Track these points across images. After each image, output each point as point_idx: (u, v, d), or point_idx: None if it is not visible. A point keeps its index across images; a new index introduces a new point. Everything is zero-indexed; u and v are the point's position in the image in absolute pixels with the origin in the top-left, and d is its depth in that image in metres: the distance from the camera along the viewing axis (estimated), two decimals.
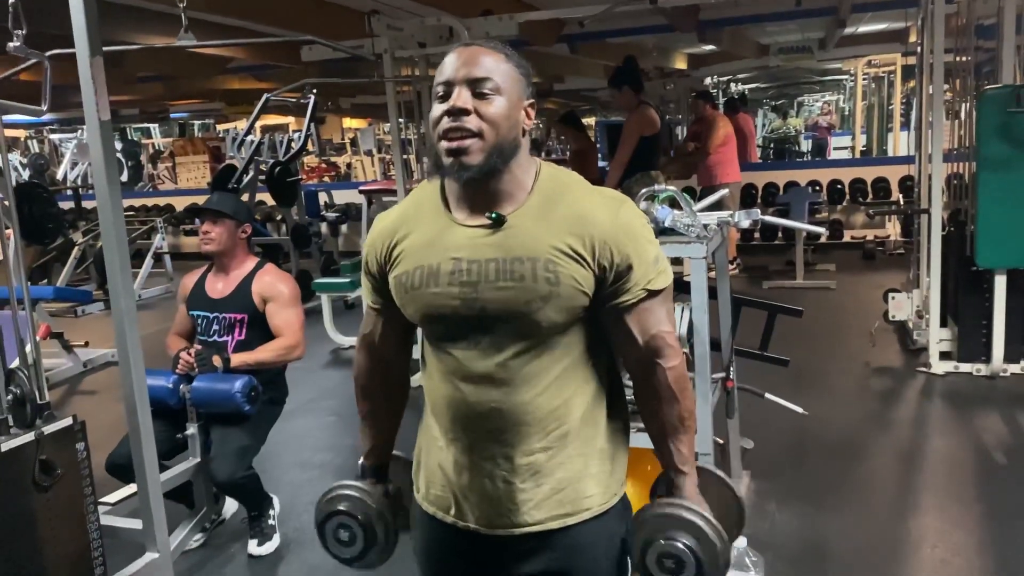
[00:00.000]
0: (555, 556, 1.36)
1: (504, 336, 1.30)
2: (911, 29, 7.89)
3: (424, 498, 1.45)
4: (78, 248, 8.33)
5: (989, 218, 4.36)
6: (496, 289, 1.28)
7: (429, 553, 1.48)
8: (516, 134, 1.30)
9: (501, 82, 1.28)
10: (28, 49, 1.90)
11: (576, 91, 15.01)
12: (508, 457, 1.33)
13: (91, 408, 5.06)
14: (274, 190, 7.58)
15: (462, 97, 1.26)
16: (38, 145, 16.34)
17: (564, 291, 1.27)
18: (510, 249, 1.28)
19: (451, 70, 1.28)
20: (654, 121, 5.30)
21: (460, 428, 1.35)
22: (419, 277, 1.33)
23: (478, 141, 1.26)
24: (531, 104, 1.34)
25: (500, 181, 1.30)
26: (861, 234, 8.90)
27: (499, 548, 1.37)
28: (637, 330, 1.33)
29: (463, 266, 1.29)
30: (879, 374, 4.84)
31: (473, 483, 1.35)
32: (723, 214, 2.81)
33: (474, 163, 1.26)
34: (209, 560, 3.11)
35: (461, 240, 1.31)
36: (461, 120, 1.26)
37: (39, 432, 1.88)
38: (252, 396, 2.95)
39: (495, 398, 1.31)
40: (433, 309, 1.32)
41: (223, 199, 3.21)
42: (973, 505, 3.23)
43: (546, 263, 1.27)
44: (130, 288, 2.11)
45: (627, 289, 1.31)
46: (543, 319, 1.28)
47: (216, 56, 8.75)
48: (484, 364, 1.31)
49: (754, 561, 2.49)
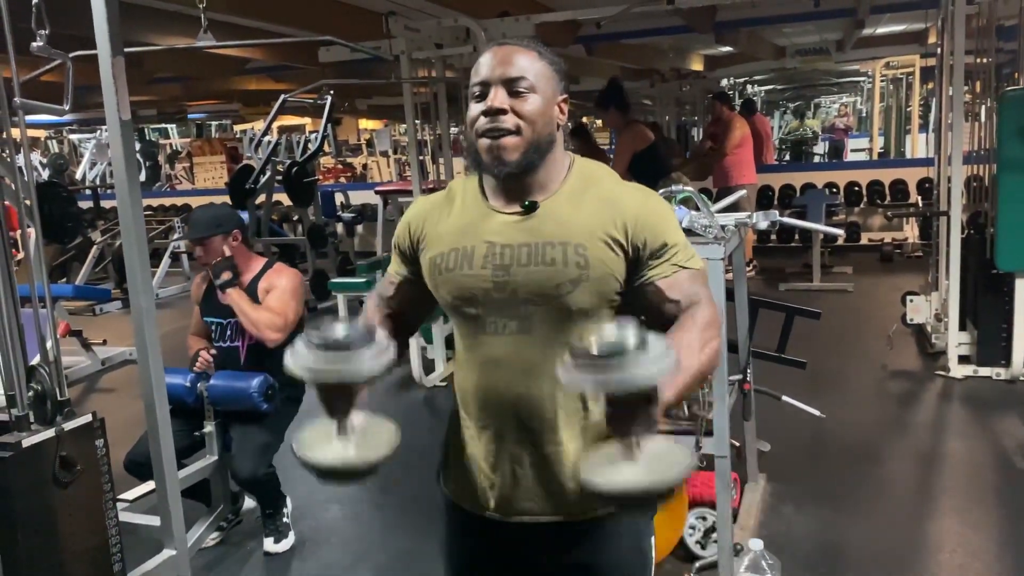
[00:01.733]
0: (579, 549, 1.37)
1: (534, 320, 1.32)
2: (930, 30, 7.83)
3: (451, 490, 1.46)
4: (96, 247, 8.39)
5: (1009, 220, 4.32)
6: (527, 272, 1.30)
7: (452, 544, 1.49)
8: (551, 129, 1.34)
9: (535, 80, 1.31)
10: (52, 49, 1.92)
11: (591, 92, 15.00)
12: (537, 444, 1.35)
13: (109, 406, 5.10)
14: (291, 190, 7.61)
15: (499, 97, 1.30)
16: (57, 145, 16.49)
17: (594, 274, 1.29)
18: (542, 234, 1.32)
19: (487, 70, 1.32)
20: (645, 136, 5.33)
21: (490, 415, 1.37)
22: (453, 259, 1.36)
23: (516, 138, 1.30)
24: (564, 99, 1.38)
25: (536, 174, 1.34)
26: (879, 236, 8.84)
27: (524, 537, 1.38)
28: (675, 294, 1.30)
29: (497, 250, 1.33)
30: (897, 377, 4.81)
31: (502, 470, 1.37)
32: (741, 215, 2.80)
33: (512, 160, 1.30)
34: (226, 557, 3.13)
35: (496, 226, 1.35)
36: (498, 120, 1.30)
37: (59, 429, 1.90)
38: (269, 394, 2.97)
39: (523, 384, 1.33)
40: (465, 291, 1.34)
41: (200, 221, 3.10)
42: (992, 509, 3.20)
43: (576, 247, 1.30)
44: (149, 286, 2.12)
45: (663, 263, 1.31)
46: (573, 303, 1.30)
47: (234, 57, 8.80)
48: (513, 350, 1.33)
49: (771, 564, 2.47)
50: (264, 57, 8.83)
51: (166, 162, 17.01)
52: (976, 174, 5.10)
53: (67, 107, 2.05)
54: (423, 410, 4.66)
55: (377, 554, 3.11)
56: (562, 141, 1.38)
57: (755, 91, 15.99)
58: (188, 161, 15.55)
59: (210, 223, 3.08)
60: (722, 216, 2.70)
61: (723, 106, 7.92)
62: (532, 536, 1.38)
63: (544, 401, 1.33)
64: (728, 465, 2.54)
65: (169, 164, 16.83)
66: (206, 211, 3.19)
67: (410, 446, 1.65)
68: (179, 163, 16.42)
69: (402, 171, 15.03)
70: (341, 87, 8.97)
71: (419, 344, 5.00)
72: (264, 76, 10.89)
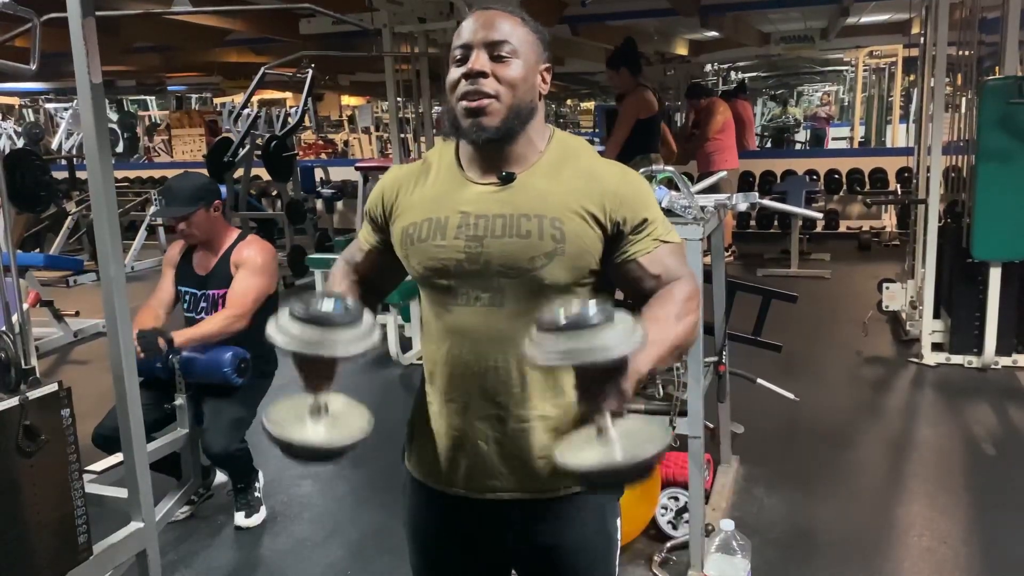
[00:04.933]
0: (544, 527, 1.36)
1: (506, 293, 1.29)
2: (914, 20, 7.85)
3: (414, 466, 1.44)
4: (71, 218, 8.27)
5: (986, 210, 4.35)
6: (501, 244, 1.28)
7: (417, 521, 1.47)
8: (533, 97, 1.32)
9: (518, 45, 1.30)
10: (18, 6, 1.87)
11: (576, 74, 14.95)
12: (502, 420, 1.32)
13: (80, 377, 5.04)
14: (269, 164, 7.52)
15: (480, 60, 1.28)
16: (33, 114, 16.21)
17: (570, 249, 1.28)
18: (518, 206, 1.30)
19: (469, 33, 1.30)
20: (651, 103, 5.26)
21: (456, 388, 1.35)
22: (426, 229, 1.33)
23: (496, 103, 1.28)
24: (547, 68, 1.36)
25: (515, 143, 1.32)
26: (857, 224, 8.90)
27: (487, 515, 1.37)
28: (656, 269, 1.30)
29: (470, 220, 1.30)
30: (871, 363, 4.85)
31: (465, 446, 1.35)
32: (720, 197, 2.80)
33: (492, 124, 1.28)
34: (196, 531, 3.11)
35: (471, 196, 1.32)
36: (479, 83, 1.28)
37: (23, 397, 1.85)
38: (241, 367, 2.94)
39: (492, 356, 1.31)
40: (437, 262, 1.32)
41: (180, 193, 3.00)
42: (960, 494, 3.24)
43: (552, 220, 1.28)
44: (119, 254, 2.08)
45: (643, 238, 1.31)
46: (547, 276, 1.28)
47: (214, 28, 8.67)
48: (485, 321, 1.31)
49: (741, 544, 2.48)
50: (244, 29, 8.71)
51: (145, 134, 16.78)
52: (955, 164, 5.13)
53: (34, 67, 1.99)
54: (399, 388, 4.64)
55: (349, 529, 3.10)
56: (543, 111, 1.36)
57: (739, 77, 15.96)
58: (167, 133, 15.34)
59: (192, 196, 3.00)
60: (702, 197, 2.70)
61: (699, 99, 7.90)
62: (496, 514, 1.37)
63: (512, 375, 1.31)
64: (701, 446, 2.55)
65: (148, 136, 16.60)
66: (183, 182, 3.07)
67: (384, 423, 1.63)
68: (158, 135, 16.20)
69: (384, 148, 14.92)
70: (323, 61, 8.84)
71: (396, 322, 4.97)
72: (245, 48, 10.76)
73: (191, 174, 3.18)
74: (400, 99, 6.71)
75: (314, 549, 2.97)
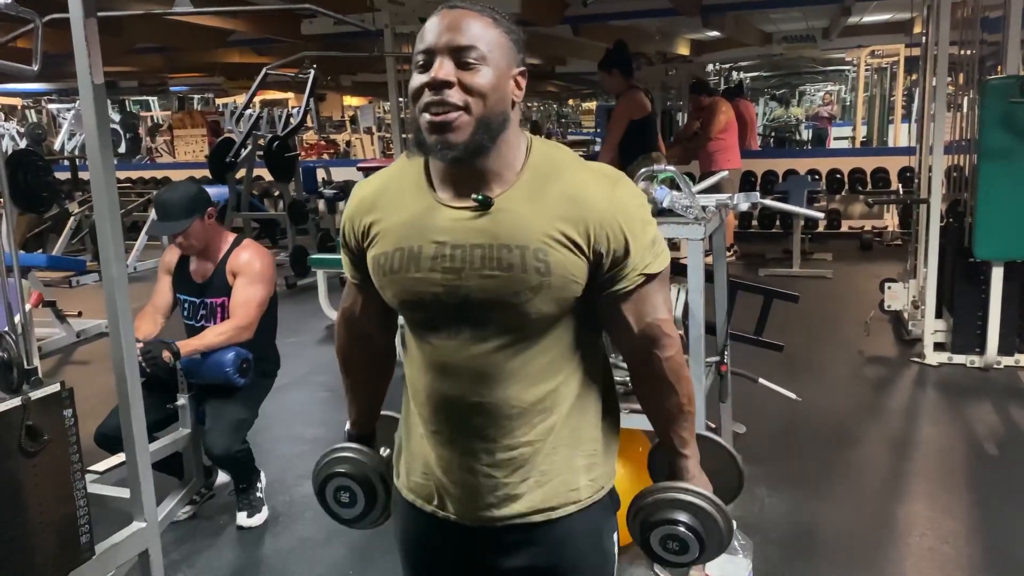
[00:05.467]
0: (539, 550, 1.30)
1: (488, 327, 1.21)
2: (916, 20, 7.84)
3: (404, 485, 1.39)
4: (74, 219, 8.27)
5: (988, 210, 4.35)
6: (481, 278, 1.18)
7: (408, 543, 1.42)
8: (504, 107, 1.19)
9: (487, 50, 1.16)
10: (20, 7, 1.87)
11: (577, 74, 14.94)
12: (490, 451, 1.26)
13: (82, 378, 5.05)
14: (271, 165, 7.52)
15: (444, 68, 1.15)
16: (36, 115, 16.24)
17: (556, 281, 1.18)
18: (498, 235, 1.18)
19: (433, 36, 1.16)
20: (643, 104, 5.27)
21: (440, 421, 1.29)
22: (399, 260, 1.23)
23: (463, 115, 1.15)
24: (521, 72, 1.22)
25: (487, 159, 1.19)
26: (859, 224, 8.89)
27: (481, 541, 1.32)
28: (633, 319, 1.26)
29: (447, 251, 1.20)
30: (873, 363, 4.85)
31: (454, 476, 1.29)
32: (722, 196, 2.79)
33: (459, 140, 1.15)
34: (198, 531, 3.11)
35: (445, 223, 1.21)
36: (443, 94, 1.15)
37: (26, 397, 1.86)
38: (243, 368, 2.94)
39: (477, 392, 1.24)
40: (413, 295, 1.24)
41: (173, 208, 2.95)
42: (962, 494, 3.24)
43: (536, 252, 1.17)
44: (121, 255, 2.08)
45: (624, 276, 1.22)
46: (532, 311, 1.19)
47: (216, 28, 8.68)
48: (466, 356, 1.23)
49: (743, 544, 2.49)
50: (247, 29, 8.72)
51: (147, 135, 16.79)
52: (957, 164, 5.13)
53: (36, 68, 2.00)
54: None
55: (350, 531, 3.08)
56: (517, 120, 1.22)
57: (740, 77, 15.96)
58: (169, 134, 15.36)
59: (185, 208, 2.95)
60: (703, 197, 2.70)
61: (701, 95, 7.92)
62: (489, 537, 1.31)
63: (500, 408, 1.24)
64: None
65: (150, 137, 16.62)
66: (174, 195, 3.00)
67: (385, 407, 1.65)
68: (160, 136, 16.22)
69: (386, 148, 14.92)
70: (324, 61, 8.86)
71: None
72: (247, 49, 10.77)
73: (180, 185, 3.13)
74: (402, 99, 6.71)
75: (316, 549, 2.97)
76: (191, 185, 3.17)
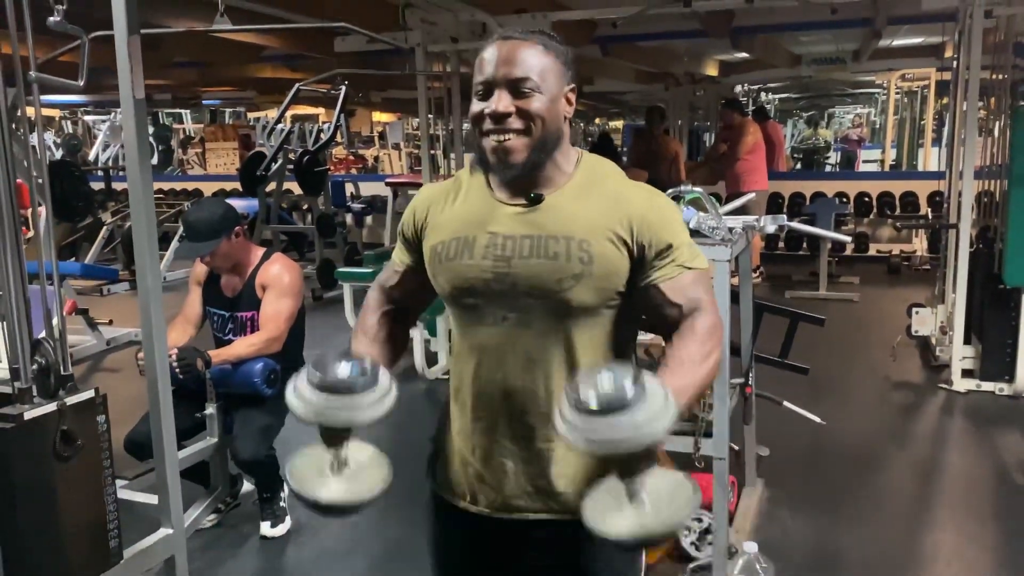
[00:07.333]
0: (569, 548, 1.34)
1: (533, 314, 1.31)
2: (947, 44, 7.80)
3: (439, 485, 1.45)
4: (106, 228, 8.42)
5: (1019, 236, 4.31)
6: (528, 265, 1.29)
7: (440, 539, 1.48)
8: (559, 124, 1.32)
9: (540, 79, 1.28)
10: (68, 24, 1.93)
11: (605, 94, 14.98)
12: (529, 439, 1.33)
13: (112, 385, 5.11)
14: (301, 179, 7.63)
15: (503, 101, 1.28)
16: (72, 126, 16.53)
17: (597, 271, 1.28)
18: (546, 227, 1.31)
19: (491, 69, 1.29)
20: None
21: (484, 407, 1.36)
22: (455, 248, 1.35)
23: (522, 138, 1.28)
24: (572, 89, 1.35)
25: (543, 170, 1.33)
26: (887, 248, 8.81)
27: (511, 536, 1.37)
28: (678, 298, 1.30)
29: (499, 240, 1.32)
30: (899, 388, 4.80)
31: (491, 464, 1.36)
32: (749, 218, 2.80)
33: (518, 161, 1.29)
34: (223, 539, 3.15)
35: (500, 217, 1.34)
36: (503, 123, 1.28)
37: (61, 403, 1.90)
38: (271, 379, 2.99)
39: (520, 376, 1.32)
40: (464, 281, 1.33)
41: (201, 229, 2.98)
42: (990, 523, 3.20)
43: (580, 243, 1.29)
44: (156, 265, 2.13)
45: (666, 264, 1.31)
46: (573, 298, 1.29)
47: (250, 44, 8.81)
48: (512, 340, 1.32)
49: (764, 568, 2.47)
50: (280, 45, 8.84)
51: (179, 147, 17.04)
52: (987, 189, 5.08)
53: (82, 83, 2.06)
54: (424, 402, 4.66)
55: (373, 542, 3.12)
56: (568, 133, 1.36)
57: (769, 99, 15.95)
58: (201, 146, 15.57)
59: (212, 229, 2.98)
60: (730, 218, 2.70)
61: (734, 112, 7.91)
62: (521, 534, 1.37)
63: (539, 395, 1.32)
64: (726, 467, 2.54)
65: (182, 149, 16.86)
66: (201, 215, 3.03)
67: (409, 437, 1.67)
68: (192, 148, 16.45)
69: (413, 164, 15.03)
70: (355, 78, 8.96)
71: (422, 336, 5.01)
72: (280, 64, 10.90)
73: (206, 203, 3.17)
74: (431, 116, 6.78)
75: (337, 560, 2.99)
76: (218, 204, 3.18)
